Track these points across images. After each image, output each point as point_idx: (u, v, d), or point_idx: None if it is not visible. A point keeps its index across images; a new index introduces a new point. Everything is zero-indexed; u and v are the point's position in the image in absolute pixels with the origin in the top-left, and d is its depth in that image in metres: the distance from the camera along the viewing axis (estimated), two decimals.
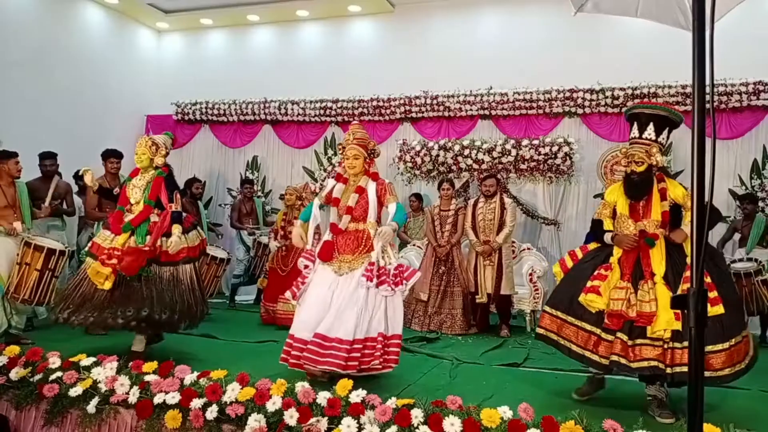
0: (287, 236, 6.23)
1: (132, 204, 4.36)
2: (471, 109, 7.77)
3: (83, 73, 8.43)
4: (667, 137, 3.61)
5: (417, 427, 2.76)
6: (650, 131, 3.52)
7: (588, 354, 3.36)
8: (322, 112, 8.47)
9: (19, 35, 7.52)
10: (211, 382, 3.20)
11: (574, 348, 3.42)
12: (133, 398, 3.25)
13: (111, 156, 5.95)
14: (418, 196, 7.46)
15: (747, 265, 5.76)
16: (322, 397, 2.99)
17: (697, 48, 1.46)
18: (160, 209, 4.33)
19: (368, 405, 2.93)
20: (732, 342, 3.21)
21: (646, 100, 6.83)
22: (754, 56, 6.56)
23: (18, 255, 4.74)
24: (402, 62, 8.27)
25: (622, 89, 7.09)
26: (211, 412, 3.04)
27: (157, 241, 4.18)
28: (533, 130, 7.56)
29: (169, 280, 4.23)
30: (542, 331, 3.62)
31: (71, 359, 3.61)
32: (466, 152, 7.46)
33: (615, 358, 3.26)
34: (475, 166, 7.47)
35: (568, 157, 7.14)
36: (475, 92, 7.70)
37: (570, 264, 3.76)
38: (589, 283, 3.43)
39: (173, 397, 3.16)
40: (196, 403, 3.09)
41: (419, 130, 8.12)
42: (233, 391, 3.10)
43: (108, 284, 4.02)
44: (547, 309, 3.64)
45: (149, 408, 3.17)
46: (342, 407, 2.92)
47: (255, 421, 2.93)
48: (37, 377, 3.53)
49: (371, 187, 4.00)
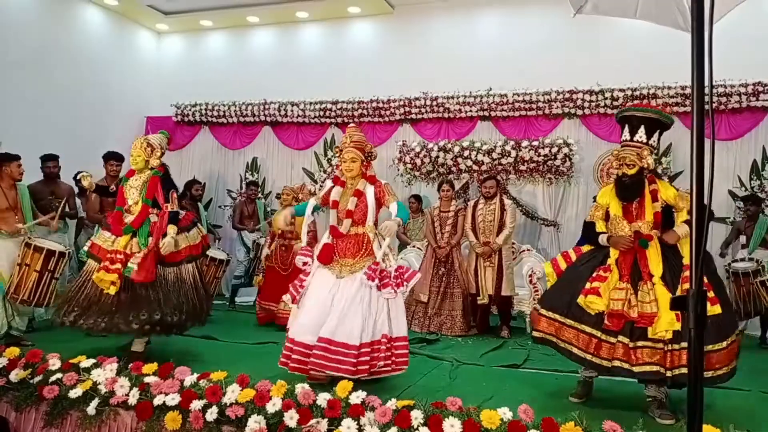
0: (284, 236, 6.25)
1: (130, 205, 4.36)
2: (470, 111, 7.77)
3: (83, 74, 8.43)
4: (658, 140, 3.64)
5: (417, 429, 2.76)
6: (641, 134, 3.54)
7: (589, 357, 3.35)
8: (321, 113, 8.46)
9: (19, 35, 7.52)
10: (211, 384, 3.20)
11: (575, 351, 3.41)
12: (133, 400, 3.25)
13: (111, 158, 5.95)
14: (417, 198, 7.46)
15: (746, 265, 5.76)
16: (322, 398, 3.00)
17: (696, 49, 1.46)
18: (157, 209, 4.32)
19: (368, 406, 2.93)
20: (728, 341, 3.26)
21: (645, 101, 6.84)
22: (754, 57, 6.57)
23: (18, 256, 4.75)
24: (401, 63, 8.28)
25: (621, 90, 7.10)
26: (211, 414, 3.04)
27: (159, 242, 4.18)
28: (533, 131, 7.56)
29: (173, 282, 4.24)
30: (540, 334, 3.60)
31: (71, 361, 3.61)
32: (466, 153, 7.46)
33: (618, 363, 3.26)
34: (475, 168, 7.46)
35: (567, 159, 7.14)
36: (474, 93, 7.71)
37: (563, 266, 3.74)
38: (588, 285, 3.42)
39: (173, 399, 3.16)
40: (196, 404, 3.09)
41: (419, 132, 8.12)
42: (233, 393, 3.10)
43: (114, 289, 4.02)
44: (544, 312, 3.61)
45: (149, 409, 3.17)
46: (342, 408, 2.93)
47: (255, 422, 2.94)
48: (37, 379, 3.53)
49: (369, 191, 4.00)
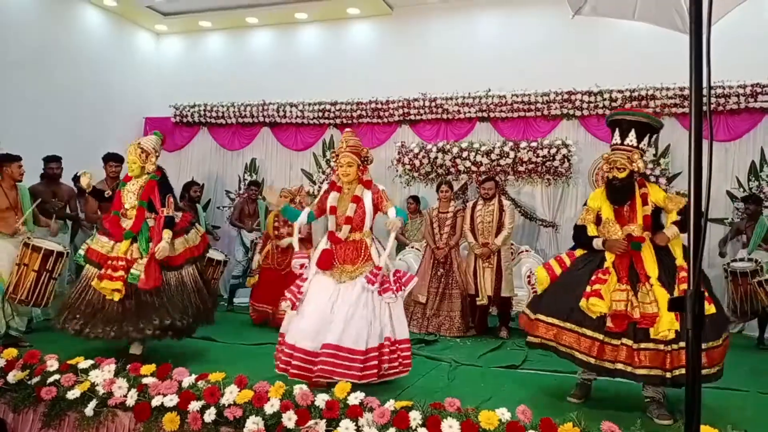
0: (281, 237, 6.27)
1: (127, 209, 4.35)
2: (469, 112, 7.78)
3: (83, 75, 8.43)
4: (648, 143, 3.67)
5: (415, 430, 2.75)
6: (632, 138, 3.56)
7: (593, 361, 3.34)
8: (320, 114, 8.46)
9: (19, 35, 7.52)
10: (209, 385, 3.19)
11: (578, 355, 3.39)
12: (131, 401, 3.24)
13: (111, 159, 5.95)
14: (415, 199, 7.46)
15: (745, 264, 5.76)
16: (321, 399, 2.99)
17: (695, 50, 1.46)
18: (154, 213, 4.30)
19: (366, 407, 2.92)
20: (723, 338, 3.32)
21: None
22: (752, 58, 6.57)
23: (17, 256, 4.75)
24: (400, 64, 8.29)
25: (620, 91, 7.11)
26: (209, 415, 3.03)
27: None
28: (531, 132, 7.57)
29: (176, 285, 4.24)
30: (537, 339, 3.58)
31: (69, 362, 3.59)
32: (465, 154, 7.47)
33: (621, 366, 3.26)
34: (474, 169, 7.47)
35: (566, 160, 7.15)
36: (473, 94, 7.72)
37: (558, 270, 3.72)
38: (589, 288, 3.41)
39: (171, 400, 3.15)
40: (194, 405, 3.08)
41: (418, 133, 8.12)
42: (231, 394, 3.10)
43: (118, 296, 4.02)
44: (541, 317, 3.58)
45: (147, 410, 3.16)
46: (340, 409, 2.92)
47: (253, 423, 2.93)
48: (35, 380, 3.51)
49: (367, 197, 4.00)
